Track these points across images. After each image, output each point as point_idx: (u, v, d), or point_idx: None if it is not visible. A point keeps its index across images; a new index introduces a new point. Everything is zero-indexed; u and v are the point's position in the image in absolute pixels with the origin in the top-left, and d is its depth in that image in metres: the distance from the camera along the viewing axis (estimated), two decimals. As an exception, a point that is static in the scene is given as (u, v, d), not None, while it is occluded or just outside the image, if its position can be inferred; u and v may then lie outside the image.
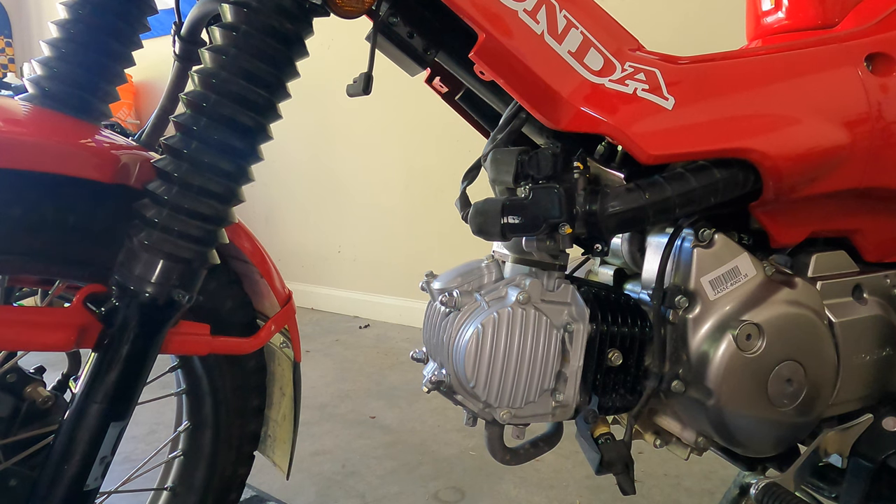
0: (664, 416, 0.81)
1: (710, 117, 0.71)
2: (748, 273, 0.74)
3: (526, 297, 0.70)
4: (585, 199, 0.69)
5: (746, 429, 0.74)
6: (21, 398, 0.76)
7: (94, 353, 0.67)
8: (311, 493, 1.44)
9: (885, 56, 0.78)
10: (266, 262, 0.85)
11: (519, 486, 1.44)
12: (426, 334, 0.79)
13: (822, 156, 0.73)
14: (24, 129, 0.66)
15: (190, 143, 0.63)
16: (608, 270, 0.86)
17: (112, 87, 0.77)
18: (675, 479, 1.45)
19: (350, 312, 3.05)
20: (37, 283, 0.82)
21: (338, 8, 0.66)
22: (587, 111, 0.68)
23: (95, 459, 0.65)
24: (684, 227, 0.74)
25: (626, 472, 0.76)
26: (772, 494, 0.74)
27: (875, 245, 0.84)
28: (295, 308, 0.89)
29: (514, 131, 0.75)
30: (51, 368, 0.81)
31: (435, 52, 0.75)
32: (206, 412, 0.88)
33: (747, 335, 0.72)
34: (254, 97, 0.64)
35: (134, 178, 0.69)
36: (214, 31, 0.65)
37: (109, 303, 0.65)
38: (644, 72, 0.70)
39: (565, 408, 0.74)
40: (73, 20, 0.73)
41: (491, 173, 0.76)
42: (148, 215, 0.63)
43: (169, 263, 0.63)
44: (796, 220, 0.78)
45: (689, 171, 0.70)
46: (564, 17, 0.68)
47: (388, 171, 2.86)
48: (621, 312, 0.75)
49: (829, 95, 0.75)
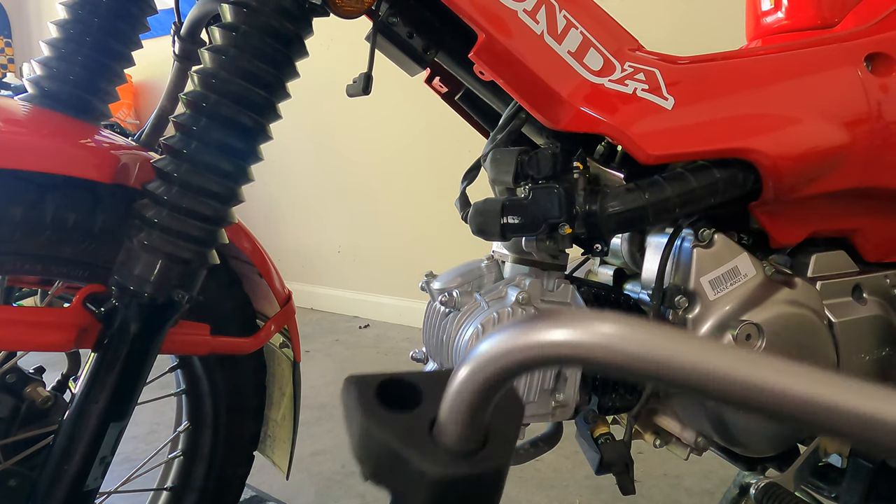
0: (664, 416, 0.81)
1: (710, 117, 0.71)
2: (748, 273, 0.74)
3: (526, 297, 0.70)
4: (585, 199, 0.69)
5: (746, 429, 0.74)
6: (21, 398, 0.76)
7: (93, 353, 0.67)
8: (310, 493, 1.44)
9: (884, 56, 0.78)
10: (266, 262, 0.85)
11: (519, 486, 1.44)
12: (426, 334, 0.79)
13: (822, 156, 0.73)
14: (24, 129, 0.66)
15: (190, 143, 0.63)
16: (608, 270, 0.86)
17: (112, 87, 0.77)
18: (675, 479, 1.45)
19: (350, 312, 3.05)
20: (37, 283, 0.82)
21: (338, 8, 0.66)
22: (587, 111, 0.68)
23: (95, 459, 0.65)
24: (684, 227, 0.74)
25: (626, 472, 0.76)
26: (772, 494, 0.74)
27: (875, 245, 0.84)
28: (295, 308, 0.89)
29: (514, 131, 0.75)
30: (51, 368, 0.81)
31: (435, 52, 0.75)
32: (205, 412, 0.88)
33: (747, 335, 0.72)
34: (254, 97, 0.64)
35: (134, 178, 0.69)
36: (214, 31, 0.65)
37: (109, 303, 0.65)
38: (644, 72, 0.70)
39: (565, 408, 0.74)
40: (73, 20, 0.73)
41: (491, 173, 0.76)
42: (148, 215, 0.63)
43: (168, 264, 0.63)
44: (796, 220, 0.78)
45: (688, 171, 0.70)
46: (564, 17, 0.68)
47: (387, 171, 2.86)
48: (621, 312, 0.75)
49: (828, 95, 0.75)
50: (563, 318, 0.25)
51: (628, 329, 0.24)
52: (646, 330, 0.24)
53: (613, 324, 0.24)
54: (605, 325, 0.24)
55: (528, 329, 0.25)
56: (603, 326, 0.24)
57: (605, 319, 0.24)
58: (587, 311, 0.25)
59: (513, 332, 0.25)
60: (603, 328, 0.24)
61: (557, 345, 0.25)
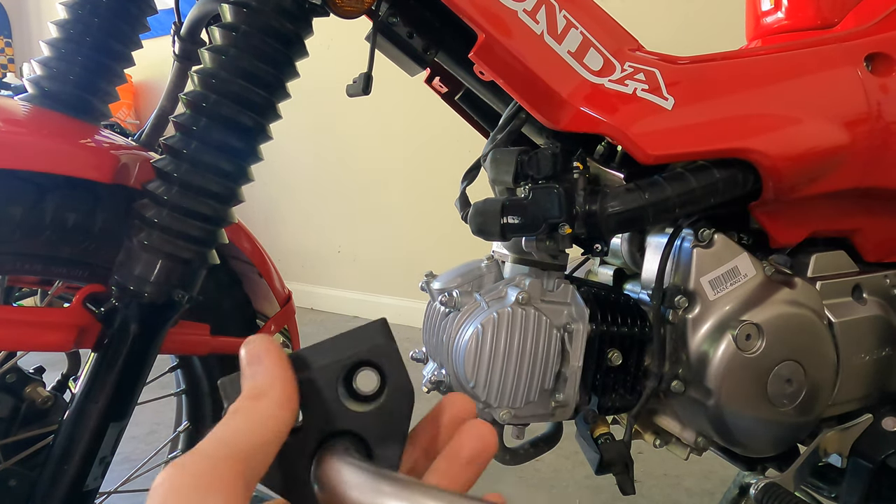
0: (664, 416, 0.81)
1: (710, 117, 0.71)
2: (748, 273, 0.74)
3: (526, 297, 0.70)
4: (585, 199, 0.69)
5: (746, 429, 0.74)
6: (21, 398, 0.76)
7: (93, 353, 0.67)
8: (310, 493, 1.43)
9: (884, 56, 0.78)
10: (266, 262, 0.85)
11: (519, 486, 1.44)
12: (426, 334, 0.79)
13: (822, 156, 0.73)
14: (24, 129, 0.66)
15: (190, 143, 0.63)
16: (608, 270, 0.86)
17: (112, 87, 0.77)
18: (675, 479, 1.45)
19: (350, 312, 3.05)
20: (37, 283, 0.82)
21: (338, 8, 0.66)
22: (587, 111, 0.68)
23: (95, 459, 0.65)
24: (684, 227, 0.74)
25: (626, 472, 0.76)
26: (771, 494, 0.74)
27: (875, 245, 0.84)
28: (294, 308, 0.89)
29: (514, 131, 0.75)
30: (51, 368, 0.81)
31: (435, 52, 0.75)
32: (205, 412, 0.88)
33: (747, 335, 0.72)
34: (254, 97, 0.64)
35: (134, 178, 0.69)
36: (214, 31, 0.65)
37: (109, 303, 0.65)
38: (644, 72, 0.70)
39: (565, 408, 0.74)
40: (73, 20, 0.73)
41: (491, 173, 0.76)
42: (148, 215, 0.63)
43: (169, 264, 0.63)
44: (796, 220, 0.78)
45: (688, 171, 0.70)
46: (564, 17, 0.68)
47: (387, 171, 2.86)
48: (621, 312, 0.75)
49: (828, 95, 0.75)
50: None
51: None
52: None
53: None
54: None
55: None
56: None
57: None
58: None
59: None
60: None
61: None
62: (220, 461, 0.23)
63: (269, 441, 0.26)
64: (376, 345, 0.30)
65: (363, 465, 0.26)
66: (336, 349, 0.29)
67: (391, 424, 0.29)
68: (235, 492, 0.23)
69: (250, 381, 0.27)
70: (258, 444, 0.25)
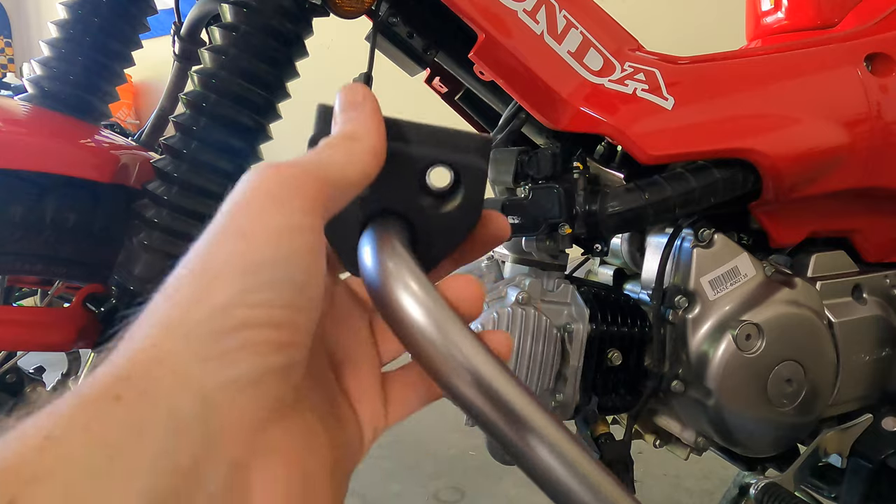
0: (664, 416, 0.81)
1: (710, 117, 0.71)
2: (748, 273, 0.74)
3: (526, 297, 0.70)
4: (585, 199, 0.69)
5: (746, 429, 0.74)
6: (21, 398, 0.76)
7: (93, 353, 0.67)
8: (310, 493, 1.43)
9: (884, 56, 0.78)
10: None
11: (519, 486, 1.44)
12: (426, 334, 0.79)
13: (822, 156, 0.73)
14: (24, 129, 0.66)
15: (190, 143, 0.63)
16: (608, 270, 0.86)
17: (112, 87, 0.77)
18: (675, 479, 1.45)
19: (350, 312, 3.04)
20: (37, 283, 0.82)
21: (338, 8, 0.66)
22: (587, 111, 0.68)
23: (95, 459, 0.65)
24: (684, 227, 0.74)
25: (626, 472, 0.76)
26: (771, 494, 0.74)
27: (875, 245, 0.84)
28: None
29: (514, 131, 0.75)
30: (51, 368, 0.81)
31: (435, 52, 0.75)
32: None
33: (747, 335, 0.72)
34: (254, 97, 0.64)
35: (134, 178, 0.69)
36: (214, 31, 0.65)
37: (109, 303, 0.65)
38: (644, 72, 0.70)
39: (565, 408, 0.74)
40: (73, 20, 0.73)
41: (490, 173, 0.76)
42: (148, 215, 0.63)
43: (169, 264, 0.63)
44: (796, 220, 0.78)
45: (688, 171, 0.70)
46: (564, 18, 0.68)
47: (387, 171, 2.86)
48: (621, 312, 0.75)
49: (828, 95, 0.75)
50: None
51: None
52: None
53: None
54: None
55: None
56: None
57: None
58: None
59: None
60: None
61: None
62: (310, 176, 0.24)
63: (353, 183, 0.26)
64: (472, 160, 0.29)
65: (405, 252, 0.26)
66: (433, 140, 0.29)
67: (446, 233, 0.29)
68: (315, 206, 0.23)
69: (347, 125, 0.27)
70: (346, 178, 0.25)
